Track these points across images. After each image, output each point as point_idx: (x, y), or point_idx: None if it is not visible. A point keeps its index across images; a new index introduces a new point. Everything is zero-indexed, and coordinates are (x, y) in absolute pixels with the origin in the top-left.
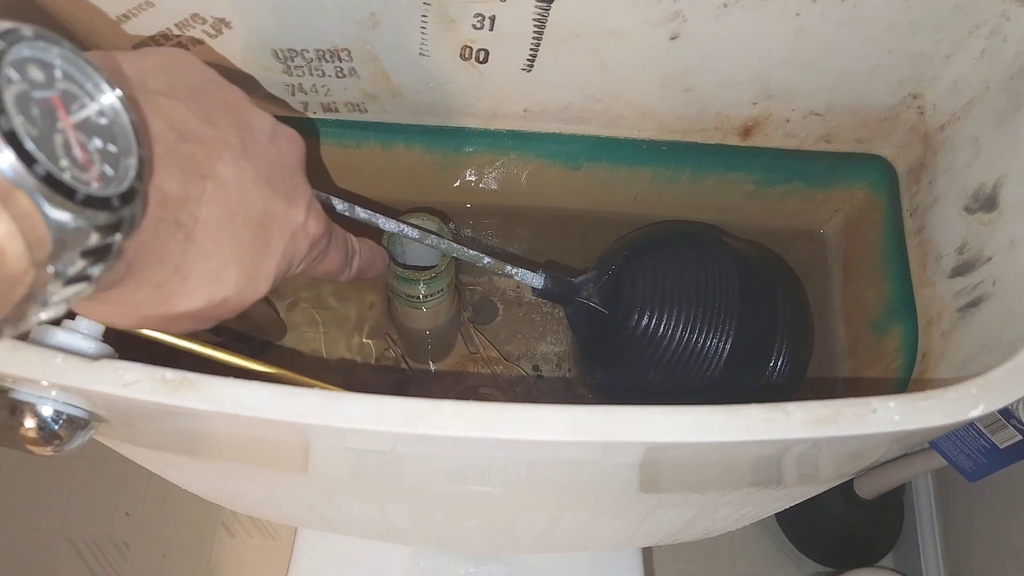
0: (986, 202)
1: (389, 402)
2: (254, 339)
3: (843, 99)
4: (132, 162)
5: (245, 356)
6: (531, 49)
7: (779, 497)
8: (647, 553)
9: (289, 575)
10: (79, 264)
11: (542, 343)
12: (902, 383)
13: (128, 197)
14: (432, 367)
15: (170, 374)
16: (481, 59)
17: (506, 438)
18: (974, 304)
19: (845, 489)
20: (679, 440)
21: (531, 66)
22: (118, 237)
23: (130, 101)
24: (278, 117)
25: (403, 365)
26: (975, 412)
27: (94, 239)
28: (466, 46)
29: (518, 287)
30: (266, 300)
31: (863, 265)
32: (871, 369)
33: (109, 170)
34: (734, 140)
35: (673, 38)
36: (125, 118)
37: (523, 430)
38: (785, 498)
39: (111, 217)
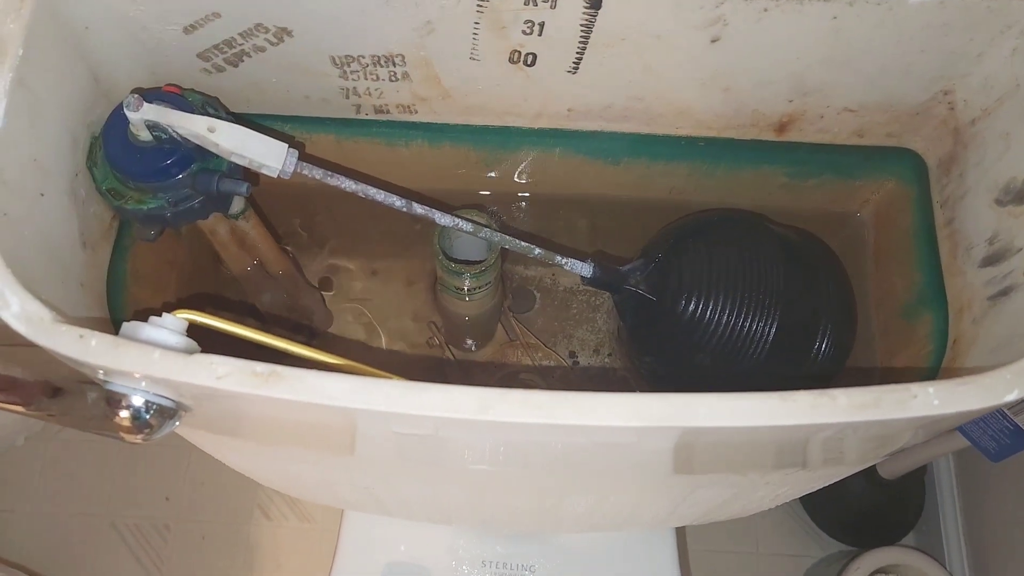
0: (1017, 195)
1: (460, 392)
2: (303, 327)
3: (876, 96)
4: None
5: (311, 347)
6: (577, 53)
7: (816, 478)
8: (680, 532)
9: (337, 555)
10: None
11: (579, 330)
12: (934, 368)
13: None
14: (474, 350)
15: (260, 367)
16: (529, 62)
17: (571, 423)
18: (1004, 293)
19: (867, 469)
20: (732, 424)
21: (576, 68)
22: None
23: None
24: (328, 120)
25: (446, 353)
26: (1010, 396)
27: None
28: (515, 50)
29: (554, 276)
30: (312, 287)
31: (894, 254)
32: (902, 354)
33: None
34: (769, 135)
35: (714, 41)
36: None
37: (584, 416)
38: (822, 478)
39: None
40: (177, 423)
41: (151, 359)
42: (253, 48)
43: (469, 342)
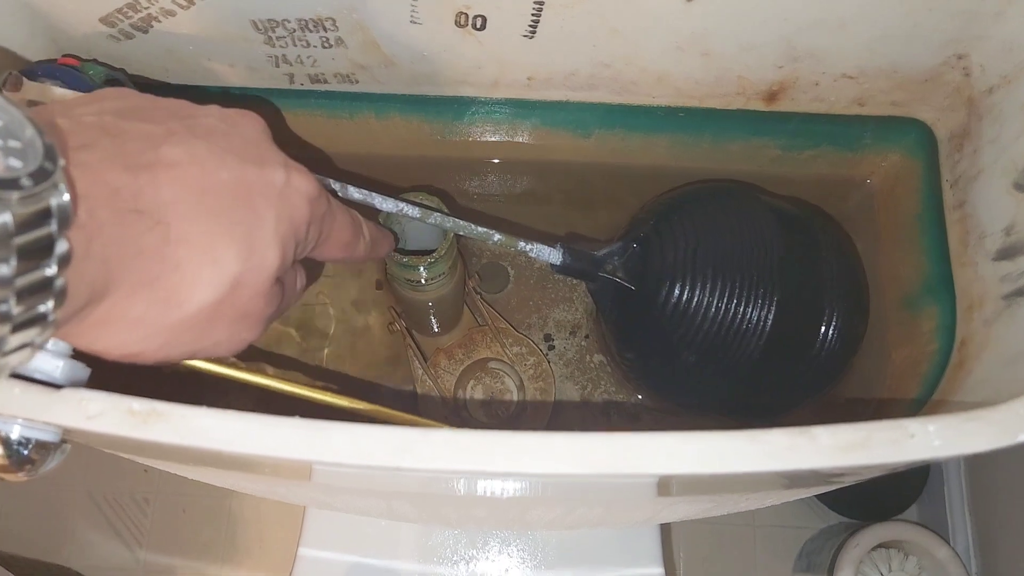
0: None
1: (374, 433)
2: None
3: (878, 61)
4: (38, 145)
5: (324, 391)
6: (533, 14)
7: (801, 492)
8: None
9: (300, 544)
10: (22, 302)
11: (555, 310)
12: (939, 368)
13: (40, 175)
14: (438, 332)
15: (137, 404)
16: (478, 26)
17: (498, 470)
18: (1022, 293)
19: None
20: (693, 472)
21: (533, 32)
22: (59, 244)
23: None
24: (261, 90)
25: (408, 340)
26: None
27: (22, 237)
28: (461, 12)
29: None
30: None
31: (897, 235)
32: (903, 349)
33: (15, 162)
34: (758, 105)
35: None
36: (16, 112)
37: (518, 462)
38: (811, 491)
39: (28, 201)
40: (68, 451)
41: (10, 396)
42: (161, 12)
43: (433, 324)
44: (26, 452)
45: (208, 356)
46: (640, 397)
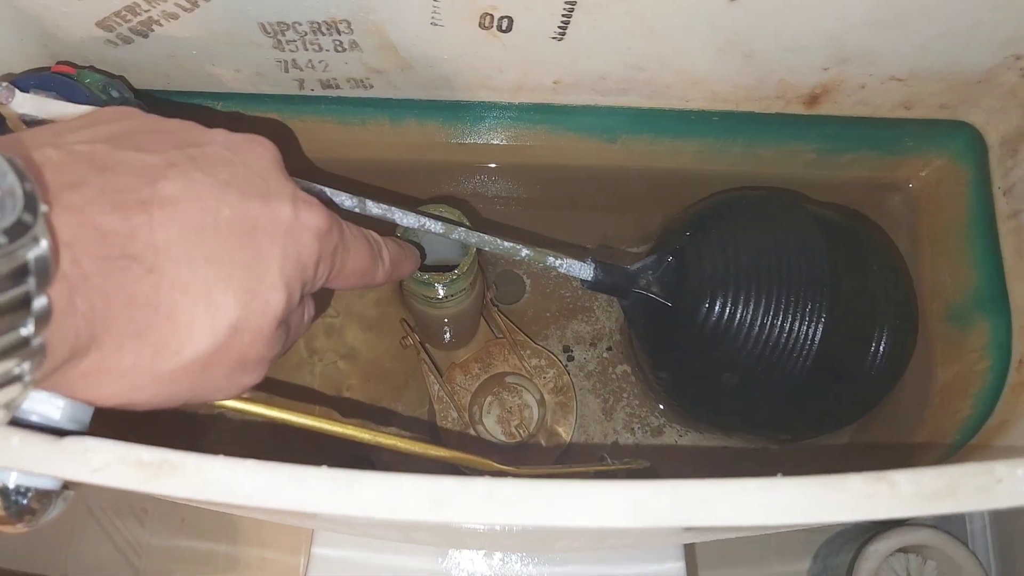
0: None
1: (407, 484)
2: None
3: (931, 61)
4: (17, 193)
5: (343, 423)
6: (563, 15)
7: None
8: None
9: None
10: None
11: (574, 321)
12: (994, 388)
13: (17, 231)
14: (453, 346)
15: (147, 454)
16: (504, 28)
17: (544, 525)
18: None
19: None
20: (762, 524)
21: (563, 34)
22: (37, 301)
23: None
24: (269, 96)
25: (423, 355)
26: None
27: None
28: (486, 13)
29: None
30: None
31: (940, 244)
32: (949, 366)
33: None
34: (797, 109)
35: None
36: None
37: (566, 515)
38: None
39: (2, 261)
40: (71, 498)
41: (7, 447)
42: (163, 14)
43: (447, 337)
44: (25, 502)
45: (206, 401)
46: (663, 408)
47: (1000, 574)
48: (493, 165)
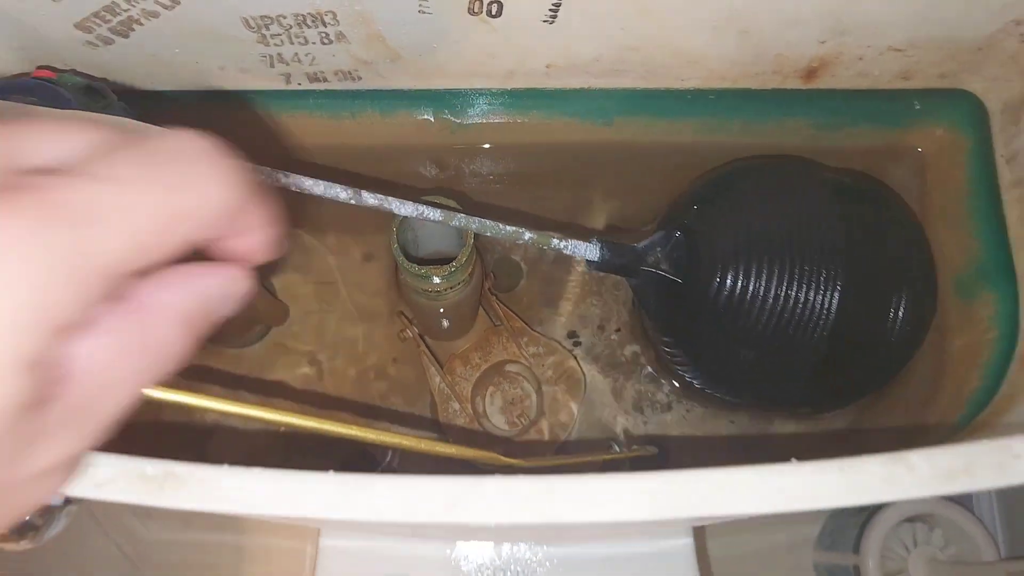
0: None
1: (420, 486)
2: (254, 328)
3: (930, 30)
4: None
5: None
6: None
7: None
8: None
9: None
10: None
11: (581, 305)
12: (1002, 357)
13: None
14: (451, 335)
15: (150, 467)
16: (494, 13)
17: (561, 522)
18: None
19: None
20: (780, 510)
21: (554, 17)
22: None
23: None
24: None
25: (422, 347)
26: None
27: None
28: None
29: None
30: (262, 284)
31: (944, 215)
32: (956, 337)
33: None
34: (795, 83)
35: None
36: None
37: (584, 512)
38: None
39: None
40: (74, 512)
41: None
42: (143, 13)
43: (447, 329)
44: (28, 517)
45: None
46: (676, 385)
47: (1006, 540)
48: (484, 150)
